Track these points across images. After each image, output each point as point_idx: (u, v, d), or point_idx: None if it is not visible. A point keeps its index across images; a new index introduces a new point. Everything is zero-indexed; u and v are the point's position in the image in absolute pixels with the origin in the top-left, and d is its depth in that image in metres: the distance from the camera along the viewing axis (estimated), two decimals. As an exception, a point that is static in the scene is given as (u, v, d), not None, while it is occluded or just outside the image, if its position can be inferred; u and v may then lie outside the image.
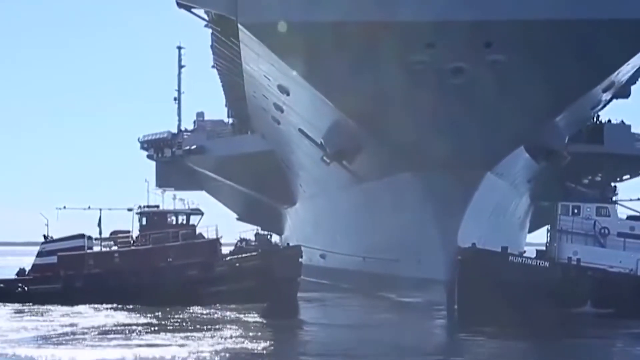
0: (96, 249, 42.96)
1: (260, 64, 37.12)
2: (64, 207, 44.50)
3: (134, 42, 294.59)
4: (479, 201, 38.13)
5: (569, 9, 31.88)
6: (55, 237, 43.87)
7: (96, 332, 30.62)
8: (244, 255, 43.40)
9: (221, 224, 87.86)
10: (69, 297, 39.95)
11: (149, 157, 69.99)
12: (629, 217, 39.40)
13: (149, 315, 36.43)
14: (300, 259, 43.40)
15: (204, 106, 58.56)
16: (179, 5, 33.44)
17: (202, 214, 43.36)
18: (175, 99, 72.14)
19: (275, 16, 32.42)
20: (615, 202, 38.45)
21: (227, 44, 38.52)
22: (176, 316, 36.41)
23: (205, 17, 34.77)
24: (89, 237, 43.42)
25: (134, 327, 32.00)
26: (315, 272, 62.43)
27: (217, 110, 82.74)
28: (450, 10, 31.70)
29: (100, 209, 43.75)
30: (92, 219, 44.51)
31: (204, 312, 38.10)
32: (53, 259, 41.63)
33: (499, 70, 32.88)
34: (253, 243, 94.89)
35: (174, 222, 42.80)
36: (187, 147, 61.13)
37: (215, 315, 37.36)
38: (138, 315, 36.53)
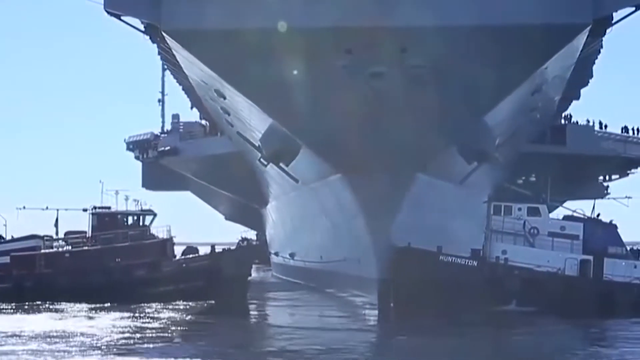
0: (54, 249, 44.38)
1: (193, 69, 38.16)
2: (24, 207, 46.22)
3: (120, 43, 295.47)
4: (417, 202, 38.77)
5: (482, 15, 32.48)
6: (15, 236, 45.46)
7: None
8: (192, 255, 44.52)
9: (220, 223, 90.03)
10: (19, 296, 41.23)
11: (136, 158, 71.27)
12: (565, 217, 40.13)
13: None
14: (250, 259, 44.62)
15: (188, 108, 59.36)
16: (108, 13, 34.28)
17: (154, 214, 44.43)
18: (159, 100, 73.30)
19: (197, 23, 33.26)
20: (545, 203, 39.07)
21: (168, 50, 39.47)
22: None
23: (137, 25, 35.56)
24: (48, 237, 44.90)
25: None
26: (286, 271, 63.66)
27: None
28: (365, 16, 32.44)
29: (57, 209, 45.39)
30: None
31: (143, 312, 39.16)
32: (6, 259, 42.90)
33: (416, 75, 33.59)
34: (255, 242, 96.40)
35: (127, 223, 44.09)
36: (162, 149, 62.30)
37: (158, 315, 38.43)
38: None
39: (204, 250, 45.61)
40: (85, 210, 44.24)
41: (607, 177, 71.55)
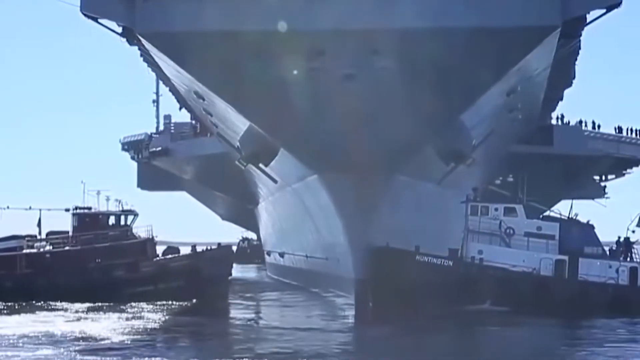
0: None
1: (172, 71, 38.31)
2: (7, 207, 46.53)
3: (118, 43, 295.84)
4: (394, 202, 38.84)
5: (450, 18, 32.58)
6: (-1, 236, 45.79)
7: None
8: (172, 255, 44.74)
9: (220, 223, 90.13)
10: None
11: (132, 158, 71.59)
12: (543, 217, 40.21)
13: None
14: (230, 259, 44.81)
15: (179, 108, 59.50)
16: (86, 16, 34.43)
17: (135, 214, 44.72)
18: (153, 101, 73.58)
19: (171, 26, 33.39)
20: (522, 203, 39.14)
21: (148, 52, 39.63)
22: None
23: (114, 27, 35.68)
24: (30, 237, 45.18)
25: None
26: (278, 271, 63.89)
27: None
28: (337, 19, 32.55)
29: (40, 210, 45.73)
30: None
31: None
32: (-12, 260, 43.24)
33: (388, 77, 33.68)
34: (255, 242, 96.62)
35: (108, 223, 44.35)
36: (153, 149, 62.52)
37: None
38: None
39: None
40: (67, 210, 44.60)
41: (603, 177, 71.74)
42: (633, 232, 39.35)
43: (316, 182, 39.33)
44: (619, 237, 39.25)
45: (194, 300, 42.14)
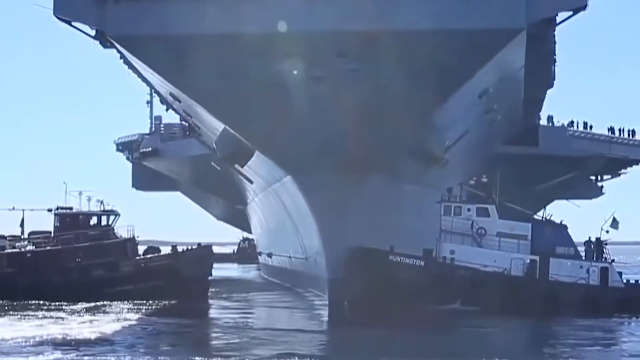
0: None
1: (147, 74, 38.74)
2: None
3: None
4: (369, 203, 39.10)
5: (417, 20, 32.86)
6: (-15, 237, 46.34)
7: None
8: (151, 255, 45.19)
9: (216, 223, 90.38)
10: (-19, 295, 42.11)
11: (127, 158, 72.16)
12: (517, 218, 40.33)
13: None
14: (210, 259, 45.20)
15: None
16: (59, 19, 34.84)
17: (117, 214, 45.19)
18: (147, 102, 74.06)
19: (142, 29, 33.80)
20: (494, 203, 39.35)
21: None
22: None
23: (88, 31, 36.05)
24: (12, 237, 45.74)
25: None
26: (268, 271, 64.36)
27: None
28: (303, 21, 32.93)
29: (24, 210, 46.33)
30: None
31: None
32: (-30, 260, 43.80)
33: (356, 79, 34.03)
34: (255, 242, 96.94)
35: (89, 223, 44.82)
36: (143, 150, 63.08)
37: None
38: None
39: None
40: (50, 210, 45.11)
41: (599, 177, 71.93)
42: (607, 232, 39.56)
43: (291, 183, 39.75)
44: (589, 238, 39.47)
45: (174, 301, 42.43)
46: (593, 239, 39.28)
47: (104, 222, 44.97)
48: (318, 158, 36.59)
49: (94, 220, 45.04)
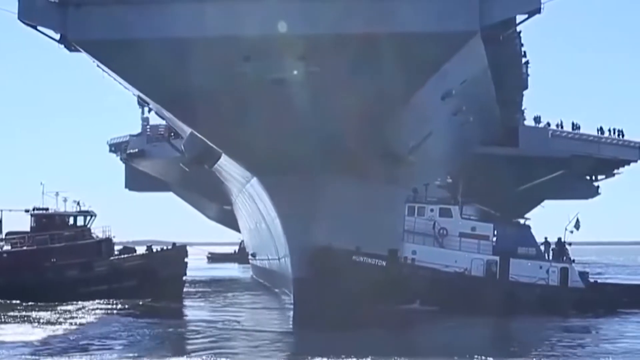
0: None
1: (116, 77, 39.39)
2: None
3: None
4: (335, 203, 39.60)
5: (371, 24, 33.27)
6: (-35, 237, 47.14)
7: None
8: (126, 255, 45.87)
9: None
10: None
11: (121, 159, 72.92)
12: (484, 218, 40.69)
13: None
14: (184, 260, 45.84)
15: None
16: (25, 23, 35.48)
17: (93, 215, 45.93)
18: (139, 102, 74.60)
19: (103, 34, 34.41)
20: (457, 204, 39.73)
21: None
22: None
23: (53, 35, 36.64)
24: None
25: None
26: (256, 271, 64.99)
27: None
28: (262, 24, 33.48)
29: (2, 210, 47.07)
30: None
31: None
32: (-53, 260, 44.58)
33: (317, 81, 34.54)
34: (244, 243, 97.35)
35: (65, 223, 45.56)
36: (130, 151, 63.81)
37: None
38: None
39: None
40: (27, 211, 45.83)
41: (593, 177, 72.19)
42: (571, 232, 39.89)
43: (257, 184, 40.36)
44: (546, 238, 39.89)
45: (148, 300, 43.10)
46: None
47: (80, 222, 45.71)
48: (281, 160, 37.14)
49: (71, 221, 45.70)
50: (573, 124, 63.40)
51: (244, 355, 27.89)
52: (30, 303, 41.46)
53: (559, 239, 39.45)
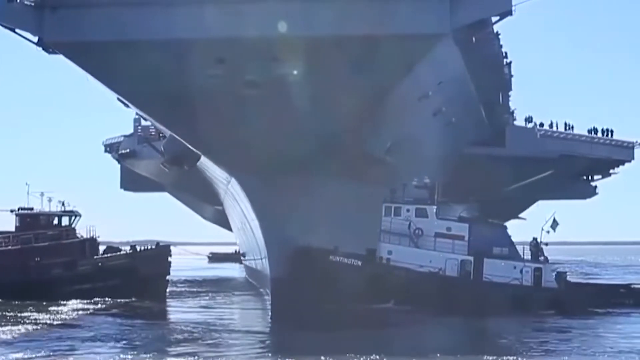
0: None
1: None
2: None
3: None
4: (313, 202, 39.91)
5: (341, 26, 33.54)
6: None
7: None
8: (110, 254, 46.38)
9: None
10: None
11: (116, 160, 73.40)
12: (460, 219, 40.92)
13: None
14: (168, 259, 46.32)
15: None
16: (2, 25, 35.93)
17: (77, 215, 46.45)
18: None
19: (78, 36, 34.82)
20: (433, 204, 39.97)
21: None
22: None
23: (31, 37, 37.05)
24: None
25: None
26: (247, 271, 65.37)
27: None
28: (234, 27, 33.85)
29: None
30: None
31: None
32: None
33: (289, 83, 34.93)
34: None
35: (50, 223, 46.10)
36: (121, 152, 64.31)
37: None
38: None
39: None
40: (12, 211, 46.39)
41: (589, 177, 72.39)
42: (547, 232, 40.14)
43: (236, 184, 40.75)
44: (534, 239, 40.07)
45: (131, 299, 43.57)
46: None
47: (65, 222, 46.24)
48: (257, 160, 37.50)
49: (56, 221, 46.23)
50: (566, 124, 63.67)
51: (214, 354, 28.09)
52: (14, 302, 41.92)
53: (535, 239, 39.71)
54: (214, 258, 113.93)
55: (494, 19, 35.63)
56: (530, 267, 38.42)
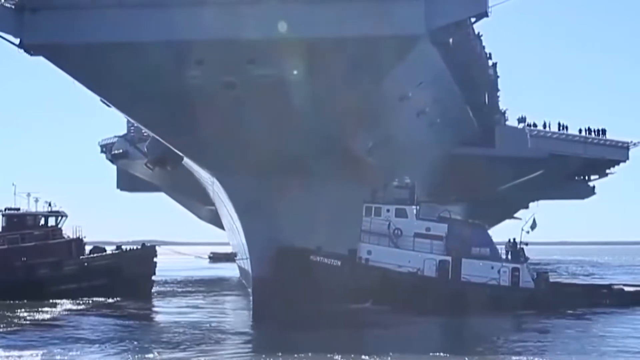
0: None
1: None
2: None
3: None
4: (294, 202, 40.12)
5: (319, 29, 33.60)
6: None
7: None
8: (96, 255, 46.75)
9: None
10: None
11: (110, 160, 73.72)
12: (440, 219, 41.05)
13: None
14: (153, 259, 46.66)
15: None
16: None
17: (63, 215, 46.83)
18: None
19: (58, 38, 35.11)
20: (413, 204, 40.17)
21: None
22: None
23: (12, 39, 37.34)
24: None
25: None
26: (240, 271, 65.43)
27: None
28: (211, 29, 34.07)
29: None
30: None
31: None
32: None
33: (266, 84, 35.14)
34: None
35: (36, 224, 46.48)
36: (114, 152, 64.65)
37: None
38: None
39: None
40: (-1, 211, 46.85)
41: (585, 177, 72.54)
42: (527, 232, 40.33)
43: (218, 184, 41.05)
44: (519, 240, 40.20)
45: (117, 299, 43.90)
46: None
47: (51, 222, 46.60)
48: (238, 160, 37.75)
49: (42, 221, 46.59)
50: (560, 124, 63.77)
51: (193, 353, 28.39)
52: (0, 301, 42.33)
53: (514, 239, 39.90)
54: (215, 258, 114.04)
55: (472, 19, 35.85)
56: (508, 268, 38.62)
